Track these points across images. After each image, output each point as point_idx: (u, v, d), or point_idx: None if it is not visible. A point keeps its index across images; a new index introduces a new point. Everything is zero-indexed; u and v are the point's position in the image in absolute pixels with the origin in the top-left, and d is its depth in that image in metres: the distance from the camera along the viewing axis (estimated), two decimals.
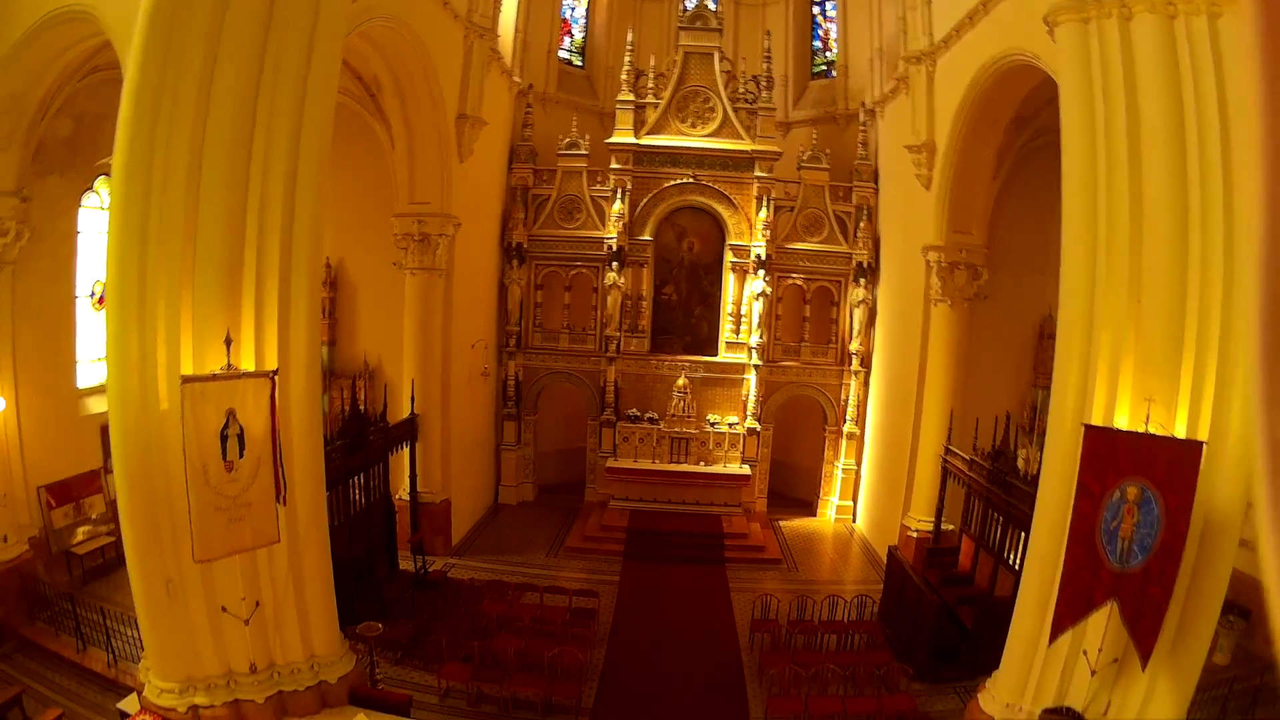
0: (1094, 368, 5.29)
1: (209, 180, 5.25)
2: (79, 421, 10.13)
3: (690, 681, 7.85)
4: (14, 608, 8.14)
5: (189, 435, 4.84)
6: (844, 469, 12.53)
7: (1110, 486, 4.78)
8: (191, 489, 4.87)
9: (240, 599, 5.70)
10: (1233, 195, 4.94)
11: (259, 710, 6.01)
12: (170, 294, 5.23)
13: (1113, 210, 5.18)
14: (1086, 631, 5.67)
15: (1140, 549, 4.76)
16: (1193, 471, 4.57)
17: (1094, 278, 5.27)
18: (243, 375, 5.08)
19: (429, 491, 10.37)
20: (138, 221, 5.17)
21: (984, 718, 6.32)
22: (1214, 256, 4.98)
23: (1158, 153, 5.06)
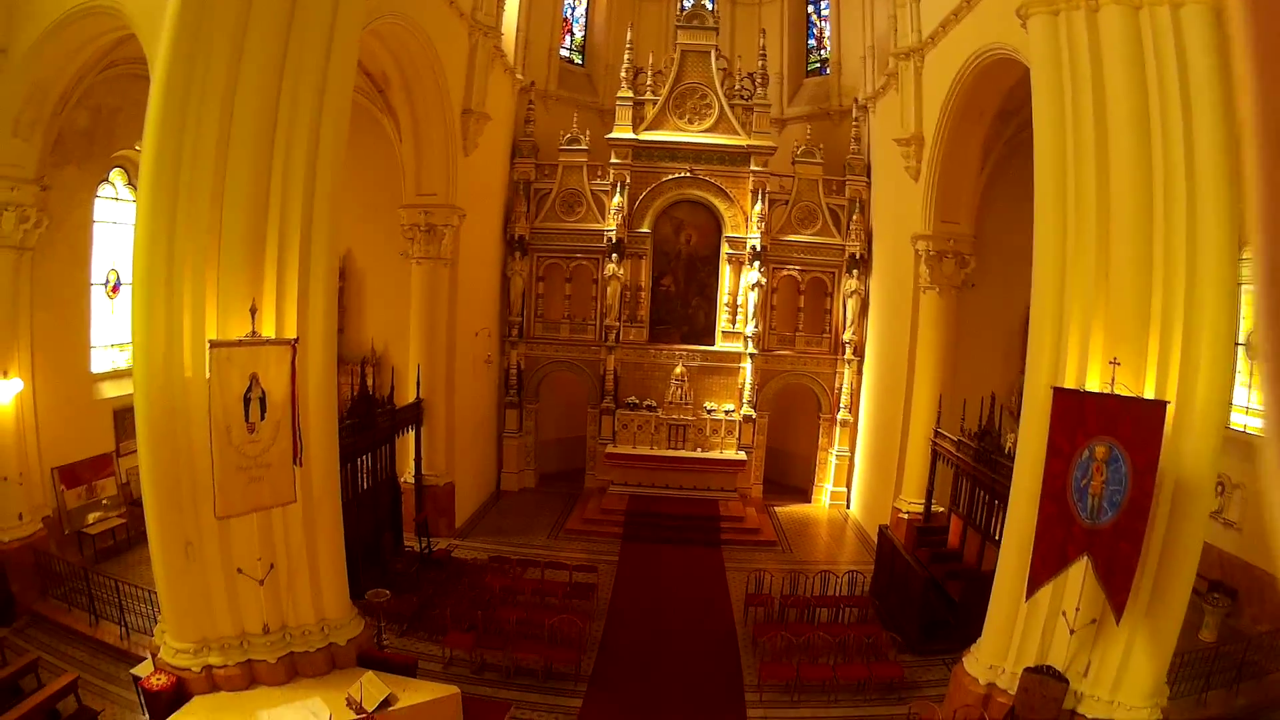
0: (1066, 338, 5.60)
1: (235, 159, 5.57)
2: (93, 405, 10.43)
3: (686, 651, 8.12)
4: (28, 584, 8.39)
5: (215, 397, 5.14)
6: (838, 455, 12.83)
7: (1080, 445, 5.08)
8: (215, 448, 5.17)
9: (256, 559, 5.98)
10: (1195, 175, 5.26)
11: (271, 670, 6.28)
12: (196, 268, 5.55)
13: (1081, 190, 5.51)
14: (1065, 593, 5.96)
15: (1110, 505, 5.06)
16: (1157, 430, 4.87)
17: (1064, 254, 5.59)
18: (266, 342, 5.39)
19: (433, 474, 10.66)
20: (167, 198, 5.48)
21: (969, 680, 6.59)
22: (1177, 234, 5.30)
23: (1123, 136, 5.38)
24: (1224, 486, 9.39)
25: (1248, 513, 8.83)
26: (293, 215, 5.82)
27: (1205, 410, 5.31)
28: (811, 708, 7.17)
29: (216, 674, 6.14)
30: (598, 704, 7.07)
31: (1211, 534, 9.26)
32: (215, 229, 5.59)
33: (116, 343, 11.03)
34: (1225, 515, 9.22)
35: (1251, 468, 8.76)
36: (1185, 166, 5.25)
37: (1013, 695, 6.14)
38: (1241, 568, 8.64)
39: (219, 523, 5.90)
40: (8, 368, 8.40)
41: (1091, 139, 5.49)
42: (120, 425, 10.90)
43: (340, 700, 5.98)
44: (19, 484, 8.63)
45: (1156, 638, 5.72)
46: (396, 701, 6.08)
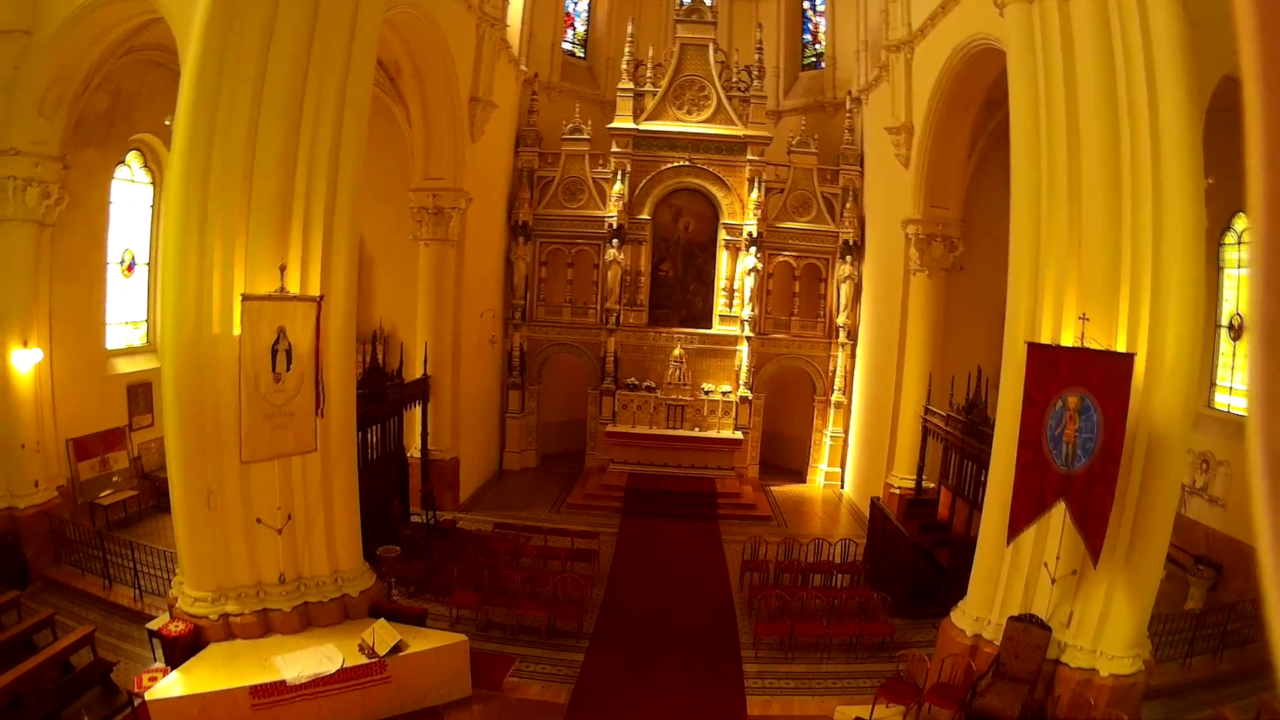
0: (1041, 299, 5.98)
1: (265, 129, 5.94)
2: (107, 380, 10.73)
3: (685, 613, 8.44)
4: (42, 550, 8.63)
5: (245, 347, 5.47)
6: (832, 436, 13.18)
7: (1053, 396, 5.45)
8: (244, 395, 5.49)
9: (276, 508, 6.29)
10: (1159, 148, 5.65)
11: (285, 619, 6.57)
12: (226, 231, 5.89)
13: (1053, 162, 5.90)
14: (1046, 544, 6.30)
15: (1083, 452, 5.42)
16: (1126, 380, 5.23)
17: (1039, 221, 5.98)
18: (294, 298, 5.73)
19: (439, 449, 10.97)
20: (200, 164, 5.83)
21: (956, 632, 6.93)
22: (1144, 202, 5.67)
23: (1093, 112, 5.77)
24: (1208, 464, 9.79)
25: (1232, 489, 9.21)
26: (319, 183, 6.19)
27: (1174, 366, 5.68)
28: (805, 664, 7.49)
29: (233, 622, 6.43)
30: (599, 659, 7.38)
31: (1197, 510, 9.67)
32: (245, 196, 5.95)
33: (130, 320, 11.34)
34: (1210, 492, 9.60)
35: (1236, 446, 9.17)
36: (1150, 139, 5.63)
37: (998, 645, 6.47)
38: (1226, 543, 9.01)
39: (240, 473, 6.22)
40: (28, 338, 8.69)
41: (1063, 114, 5.88)
42: (133, 400, 11.19)
43: (353, 647, 6.28)
44: (35, 451, 8.89)
45: (1136, 589, 6.04)
46: (407, 647, 6.39)
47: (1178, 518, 9.62)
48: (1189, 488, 9.92)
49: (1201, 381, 10.09)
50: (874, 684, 6.55)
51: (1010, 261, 6.25)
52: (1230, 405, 9.91)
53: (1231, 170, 6.05)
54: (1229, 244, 9.90)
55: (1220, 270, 10.02)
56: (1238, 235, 9.75)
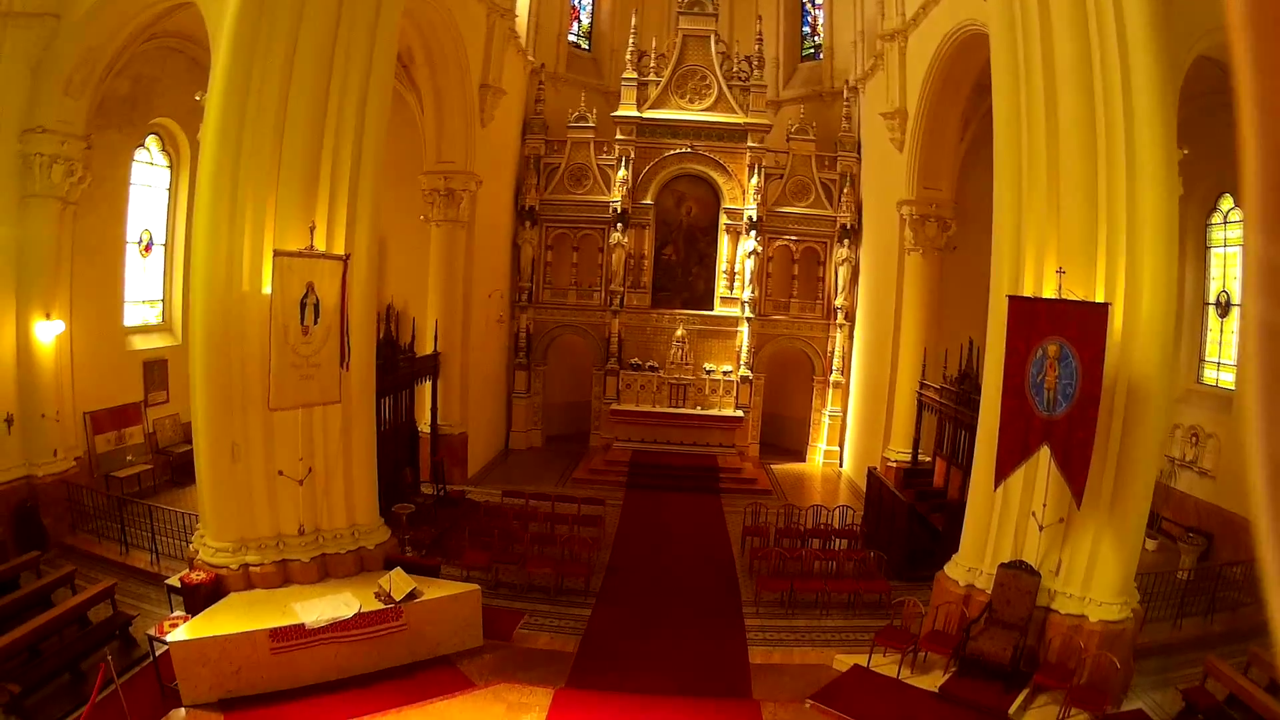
0: (1023, 258, 6.32)
1: (295, 101, 6.29)
2: (124, 356, 11.01)
3: (688, 575, 8.71)
4: (60, 517, 8.87)
5: (275, 300, 5.77)
6: (830, 416, 13.48)
7: (1034, 345, 5.76)
8: (273, 345, 5.79)
9: (298, 459, 6.57)
10: (1132, 117, 5.98)
11: (304, 569, 6.84)
12: (257, 196, 6.22)
13: (1032, 130, 6.25)
14: (1033, 494, 6.59)
15: (1064, 397, 5.73)
16: (1101, 329, 5.55)
17: (1020, 186, 6.32)
18: (322, 255, 6.05)
19: (448, 424, 11.26)
20: (233, 135, 6.16)
21: (949, 583, 7.21)
22: (1118, 166, 6.00)
23: (1069, 83, 6.10)
24: (1198, 437, 10.08)
25: (1221, 461, 9.50)
26: (344, 152, 6.54)
27: (1150, 319, 6.00)
28: (805, 619, 7.76)
29: (253, 572, 6.69)
30: (606, 613, 7.64)
31: (1187, 483, 9.97)
32: (275, 164, 6.29)
33: (147, 299, 11.64)
34: (1200, 464, 9.89)
35: (1224, 418, 9.48)
36: (1123, 109, 5.96)
37: (989, 593, 6.75)
38: (1216, 513, 9.30)
39: (263, 427, 6.51)
40: (50, 310, 8.98)
41: (1041, 88, 6.22)
42: (149, 377, 11.47)
43: (369, 597, 6.54)
44: (55, 421, 9.16)
45: (1121, 536, 6.32)
46: (422, 595, 6.65)
47: (1169, 491, 10.02)
48: (1179, 461, 10.22)
49: (1190, 358, 10.45)
50: (871, 638, 6.81)
51: (994, 224, 6.59)
52: (1218, 380, 10.22)
53: (1218, 152, 6.51)
54: (1215, 224, 10.25)
55: (1207, 250, 10.36)
56: (1223, 216, 10.10)
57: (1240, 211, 8.92)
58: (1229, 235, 10.03)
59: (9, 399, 8.61)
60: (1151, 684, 6.53)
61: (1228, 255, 10.05)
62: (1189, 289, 10.39)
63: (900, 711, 6.08)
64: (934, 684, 6.45)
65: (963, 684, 6.45)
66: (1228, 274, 10.07)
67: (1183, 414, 10.28)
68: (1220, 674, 6.09)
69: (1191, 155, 9.48)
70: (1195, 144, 9.44)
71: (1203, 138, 9.41)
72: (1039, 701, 6.22)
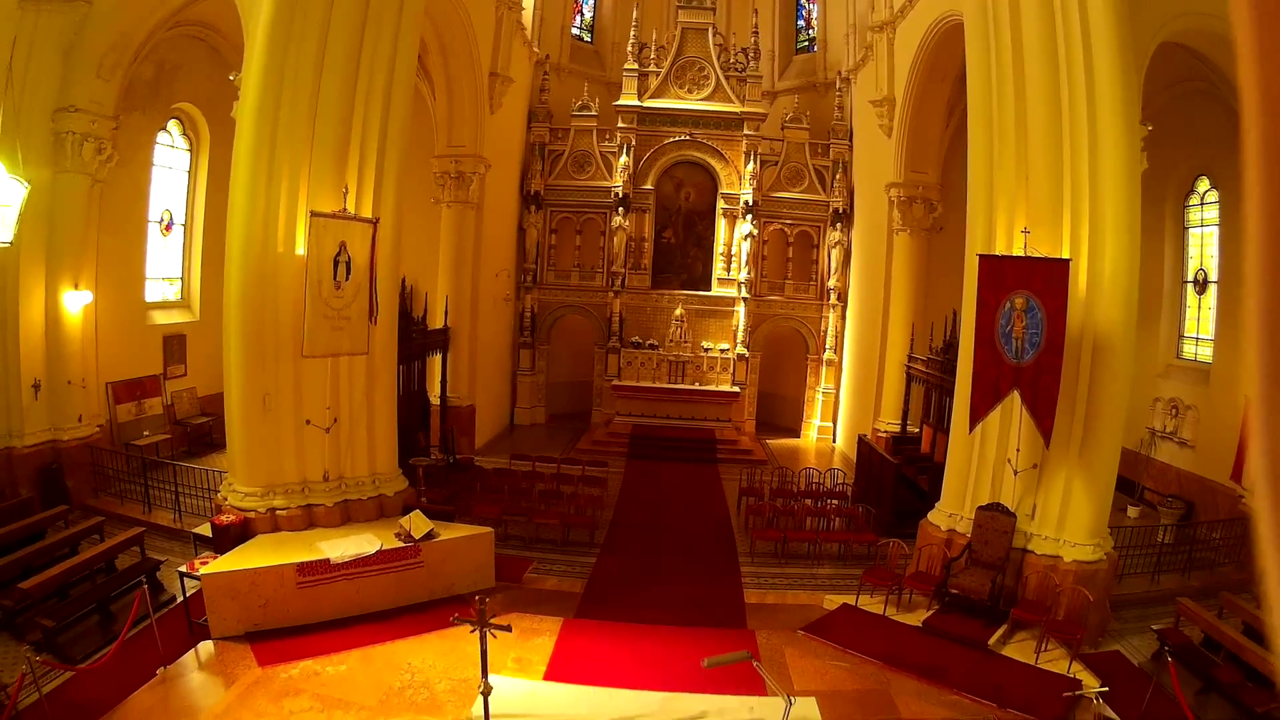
0: (994, 222, 6.85)
1: (328, 79, 6.79)
2: (145, 330, 11.46)
3: (687, 530, 9.18)
4: (83, 481, 9.25)
5: (311, 256, 6.25)
6: (824, 393, 13.99)
7: (1002, 298, 6.28)
8: (308, 298, 6.27)
9: (325, 408, 7.02)
10: (1094, 91, 6.51)
11: (328, 513, 7.29)
12: (293, 164, 6.70)
13: (1002, 105, 6.78)
14: (1008, 442, 7.08)
15: (1031, 345, 6.24)
16: (1063, 282, 6.07)
17: (991, 156, 6.86)
18: (353, 218, 6.54)
19: (457, 396, 11.72)
20: (271, 107, 6.64)
21: (932, 528, 7.71)
22: (1080, 138, 6.51)
23: (1036, 61, 6.62)
24: (1178, 409, 10.59)
25: (1200, 431, 10.01)
26: (372, 127, 7.06)
27: (1113, 277, 6.52)
28: (797, 568, 8.23)
29: (279, 515, 7.13)
30: (610, 561, 8.10)
31: (1169, 454, 10.47)
32: (309, 135, 6.78)
33: (167, 277, 12.09)
34: (1180, 435, 10.39)
35: (1202, 390, 9.99)
36: (1086, 85, 6.51)
37: (969, 535, 7.23)
38: (1196, 481, 9.80)
39: (293, 379, 6.97)
40: (78, 281, 9.42)
41: (1010, 66, 6.76)
42: (168, 351, 11.91)
43: (389, 536, 6.98)
44: (81, 387, 9.58)
45: (1092, 481, 6.80)
46: (439, 536, 7.10)
47: (1150, 461, 10.50)
48: (1160, 432, 10.73)
49: (1170, 334, 10.97)
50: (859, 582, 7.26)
51: (969, 192, 7.12)
52: (1197, 354, 10.73)
53: (1195, 136, 7.19)
54: (1193, 205, 10.77)
55: (1185, 230, 10.89)
56: (1200, 197, 10.62)
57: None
58: (1205, 216, 10.56)
59: (37, 366, 9.02)
60: (1129, 631, 6.91)
61: (1204, 235, 10.58)
62: (1168, 268, 10.93)
63: (887, 643, 6.53)
64: (918, 621, 6.92)
65: (945, 619, 6.92)
66: (1204, 253, 10.60)
67: (1163, 388, 10.81)
68: (1193, 615, 6.50)
69: (1169, 139, 10.07)
70: (1173, 128, 10.04)
71: (1180, 122, 10.00)
72: (1018, 637, 6.68)
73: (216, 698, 5.31)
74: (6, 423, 8.71)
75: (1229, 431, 8.44)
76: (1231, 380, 9.14)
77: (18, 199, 5.37)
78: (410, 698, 5.45)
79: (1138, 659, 6.39)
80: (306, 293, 6.25)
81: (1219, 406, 9.45)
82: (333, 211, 6.46)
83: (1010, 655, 6.38)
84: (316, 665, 5.80)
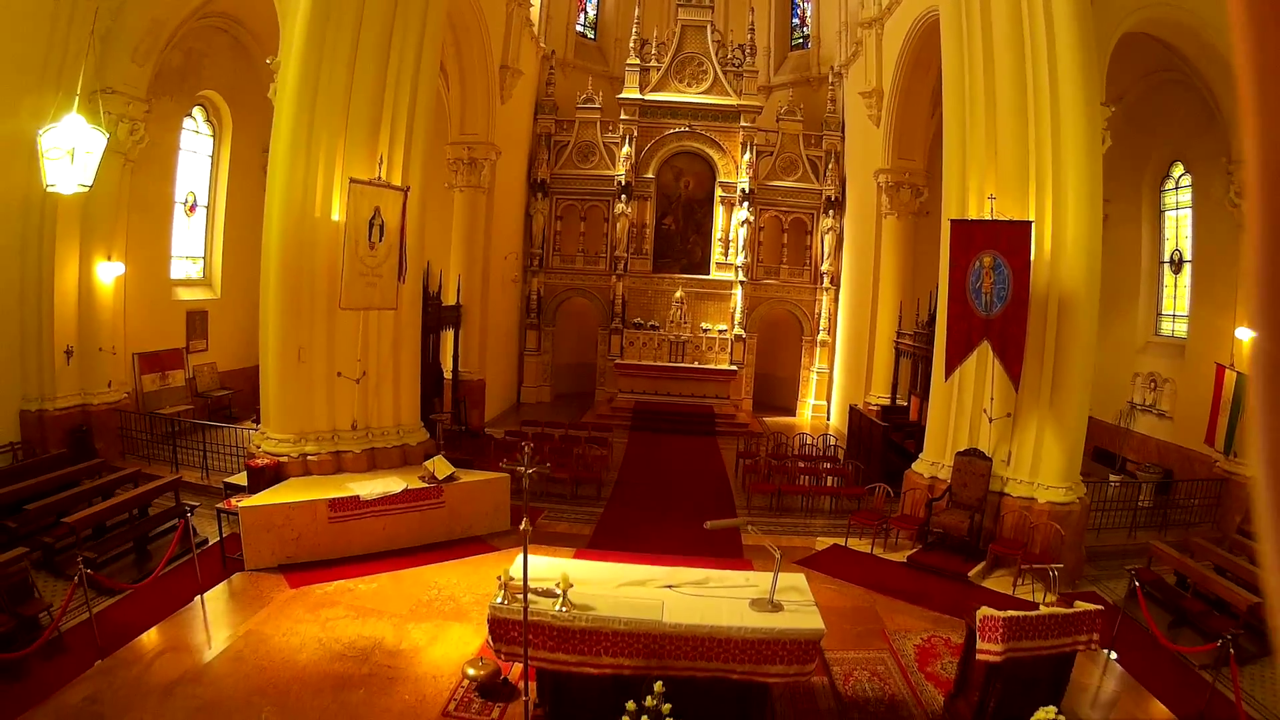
0: (967, 192, 7.52)
1: (361, 62, 7.41)
2: (170, 305, 12.00)
3: (688, 488, 9.74)
4: (111, 443, 9.72)
5: (349, 219, 6.84)
6: (818, 372, 14.62)
7: (972, 258, 6.92)
8: (346, 255, 6.85)
9: (356, 359, 7.58)
10: (1056, 73, 7.18)
11: (355, 459, 7.82)
12: (330, 138, 7.30)
13: (973, 88, 7.47)
14: (983, 394, 7.70)
15: (999, 299, 6.88)
16: (1026, 241, 6.72)
17: (964, 134, 7.54)
18: (387, 185, 7.15)
19: (468, 370, 12.27)
20: (310, 87, 7.25)
21: (916, 476, 8.32)
22: (1044, 116, 7.15)
23: (1005, 48, 7.31)
24: (1156, 382, 11.23)
25: (1177, 402, 10.63)
26: (402, 105, 7.71)
27: (1075, 240, 7.16)
28: (791, 519, 8.79)
29: (310, 460, 7.66)
30: (616, 510, 8.66)
31: (1149, 425, 11.09)
32: (344, 113, 7.40)
33: (190, 255, 12.63)
34: (1159, 407, 11.00)
35: (1178, 364, 10.62)
36: (1049, 68, 7.15)
37: (949, 480, 7.82)
38: (1175, 450, 10.40)
39: (326, 333, 7.54)
40: (111, 253, 9.96)
41: (980, 53, 7.45)
42: (191, 326, 12.43)
43: (413, 480, 7.51)
44: (111, 354, 10.09)
45: (1062, 427, 7.39)
46: (459, 479, 7.63)
47: (1129, 434, 11.10)
48: (1139, 405, 11.35)
49: (1148, 313, 11.64)
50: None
51: (944, 166, 7.81)
52: (1173, 330, 11.36)
53: (1170, 124, 8.05)
54: (1168, 190, 11.46)
55: (1161, 214, 11.58)
56: (1175, 182, 11.31)
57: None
58: (1180, 199, 11.25)
59: (70, 332, 9.51)
60: (1106, 577, 7.41)
61: (1179, 218, 11.26)
62: (1145, 250, 11.63)
63: (875, 576, 7.10)
64: (903, 558, 7.49)
65: (928, 556, 7.50)
66: (1180, 235, 11.28)
67: (1142, 362, 11.46)
68: (1165, 555, 7.00)
69: (1145, 127, 10.78)
70: (1148, 116, 10.75)
71: (1155, 111, 10.71)
72: (997, 573, 7.25)
73: (255, 611, 5.80)
74: (39, 386, 9.19)
75: (1203, 402, 9.04)
76: (1205, 354, 9.70)
77: (99, 148, 5.94)
78: (438, 607, 5.97)
79: (1113, 598, 6.94)
80: (344, 251, 6.83)
81: (1194, 378, 10.02)
82: (369, 179, 7.06)
83: (990, 587, 6.95)
84: (349, 584, 6.31)
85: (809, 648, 3.79)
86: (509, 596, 4.01)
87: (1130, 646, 5.70)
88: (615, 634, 3.81)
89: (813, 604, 4.16)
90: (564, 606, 3.92)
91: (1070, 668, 4.48)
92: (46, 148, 5.82)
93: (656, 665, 3.76)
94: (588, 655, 3.81)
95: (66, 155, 5.59)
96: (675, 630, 3.80)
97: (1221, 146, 9.15)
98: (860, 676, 5.25)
